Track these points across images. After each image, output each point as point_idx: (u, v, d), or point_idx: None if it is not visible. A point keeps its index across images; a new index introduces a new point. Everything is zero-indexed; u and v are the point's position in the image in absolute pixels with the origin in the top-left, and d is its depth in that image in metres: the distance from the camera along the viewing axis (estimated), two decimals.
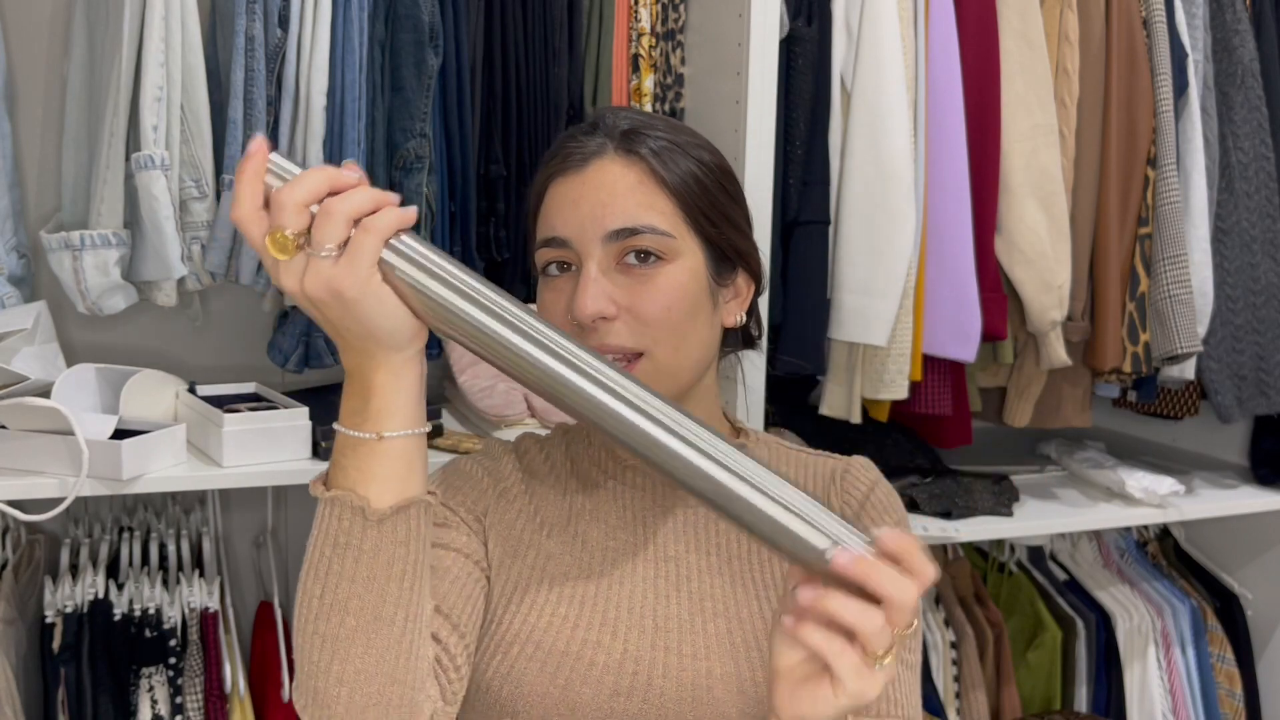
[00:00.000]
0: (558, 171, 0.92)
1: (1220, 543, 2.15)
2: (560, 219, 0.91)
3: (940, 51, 1.50)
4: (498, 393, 1.46)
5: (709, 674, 0.89)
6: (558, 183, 0.92)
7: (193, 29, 1.31)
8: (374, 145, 1.41)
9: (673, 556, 0.95)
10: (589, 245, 0.89)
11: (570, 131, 0.97)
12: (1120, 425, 2.24)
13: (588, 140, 0.92)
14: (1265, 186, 1.74)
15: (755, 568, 0.95)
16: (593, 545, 0.95)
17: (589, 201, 0.89)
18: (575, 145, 0.92)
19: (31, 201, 1.53)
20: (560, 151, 0.93)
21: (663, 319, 0.89)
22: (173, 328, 1.64)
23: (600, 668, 0.89)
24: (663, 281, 0.89)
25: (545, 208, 0.93)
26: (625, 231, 0.88)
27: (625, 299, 0.88)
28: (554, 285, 0.92)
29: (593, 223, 0.89)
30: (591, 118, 0.96)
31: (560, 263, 0.91)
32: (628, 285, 0.89)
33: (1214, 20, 1.73)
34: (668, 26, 1.57)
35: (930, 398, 1.56)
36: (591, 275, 0.88)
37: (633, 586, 0.93)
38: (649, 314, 0.88)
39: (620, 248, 0.89)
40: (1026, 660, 1.92)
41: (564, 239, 0.90)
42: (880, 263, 1.46)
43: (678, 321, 0.90)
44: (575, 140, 0.93)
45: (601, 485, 0.99)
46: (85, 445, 1.17)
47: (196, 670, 1.43)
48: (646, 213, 0.89)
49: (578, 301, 0.87)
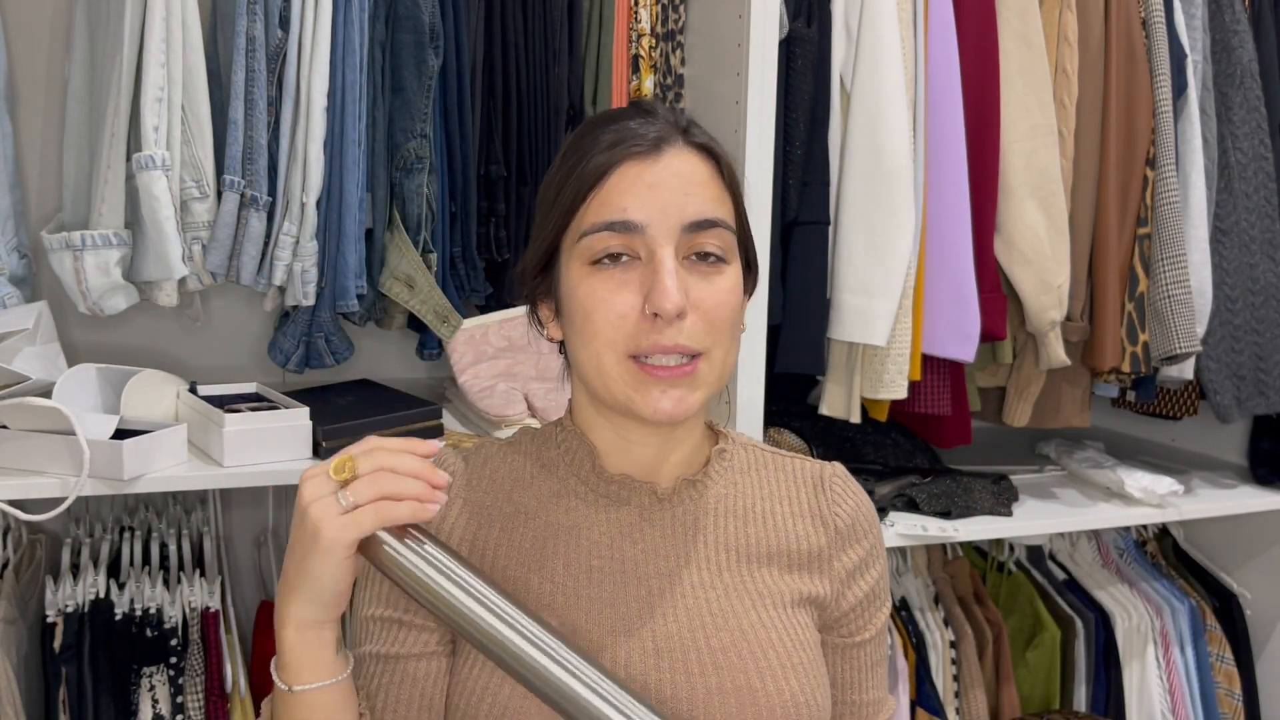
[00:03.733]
0: (627, 153, 0.85)
1: (1219, 542, 2.16)
2: (634, 202, 0.84)
3: (940, 52, 1.50)
4: (498, 393, 1.46)
5: (720, 689, 0.87)
6: (629, 164, 0.85)
7: (194, 29, 1.31)
8: (374, 146, 1.41)
9: (664, 572, 0.90)
10: (666, 233, 0.84)
11: (610, 113, 0.91)
12: (1119, 425, 2.24)
13: (649, 125, 0.87)
14: (1264, 187, 1.75)
15: (749, 577, 0.92)
16: (576, 567, 0.90)
17: (669, 188, 0.84)
18: (637, 127, 0.87)
19: (33, 202, 1.53)
20: (620, 136, 0.86)
21: (726, 321, 0.86)
22: (173, 328, 1.64)
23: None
24: (725, 283, 0.86)
25: (610, 188, 0.85)
26: (705, 223, 0.85)
27: (696, 297, 0.85)
28: (609, 275, 0.85)
29: (676, 209, 0.84)
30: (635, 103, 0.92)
31: (614, 254, 0.85)
32: (694, 283, 0.85)
33: (1213, 21, 1.73)
34: (668, 27, 1.57)
35: (930, 398, 1.57)
36: (672, 265, 0.83)
37: (626, 607, 0.88)
38: (716, 315, 0.85)
39: (692, 242, 0.85)
40: (1026, 660, 1.92)
41: (638, 224, 0.84)
42: (880, 263, 1.46)
43: (732, 325, 0.88)
44: (633, 123, 0.87)
45: (580, 497, 0.93)
46: (86, 445, 1.17)
47: (197, 670, 1.43)
48: (720, 208, 0.87)
49: (663, 292, 0.82)
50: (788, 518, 0.97)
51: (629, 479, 0.93)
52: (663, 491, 0.93)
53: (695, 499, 0.94)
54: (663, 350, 0.84)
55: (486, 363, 1.50)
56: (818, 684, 0.93)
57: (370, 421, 1.33)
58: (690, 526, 0.93)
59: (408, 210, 1.43)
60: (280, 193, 1.36)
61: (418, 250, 1.43)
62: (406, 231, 1.43)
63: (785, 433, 1.68)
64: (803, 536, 0.96)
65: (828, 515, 0.98)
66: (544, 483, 0.94)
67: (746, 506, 0.96)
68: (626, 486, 0.92)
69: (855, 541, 0.99)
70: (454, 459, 0.96)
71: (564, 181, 0.88)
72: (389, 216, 1.44)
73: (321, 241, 1.37)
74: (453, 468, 0.95)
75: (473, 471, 0.95)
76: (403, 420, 1.35)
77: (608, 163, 0.86)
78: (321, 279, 1.39)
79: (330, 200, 1.37)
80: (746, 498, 0.97)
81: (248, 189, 1.33)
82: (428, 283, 1.43)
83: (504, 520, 0.92)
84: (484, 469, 0.95)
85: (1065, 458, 1.93)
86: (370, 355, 1.73)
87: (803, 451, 1.65)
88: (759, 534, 0.95)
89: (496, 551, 0.91)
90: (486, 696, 0.87)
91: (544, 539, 0.91)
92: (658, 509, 0.93)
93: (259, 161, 1.33)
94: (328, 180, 1.36)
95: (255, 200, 1.33)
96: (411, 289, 1.44)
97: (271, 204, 1.35)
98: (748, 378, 1.41)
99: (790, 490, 0.99)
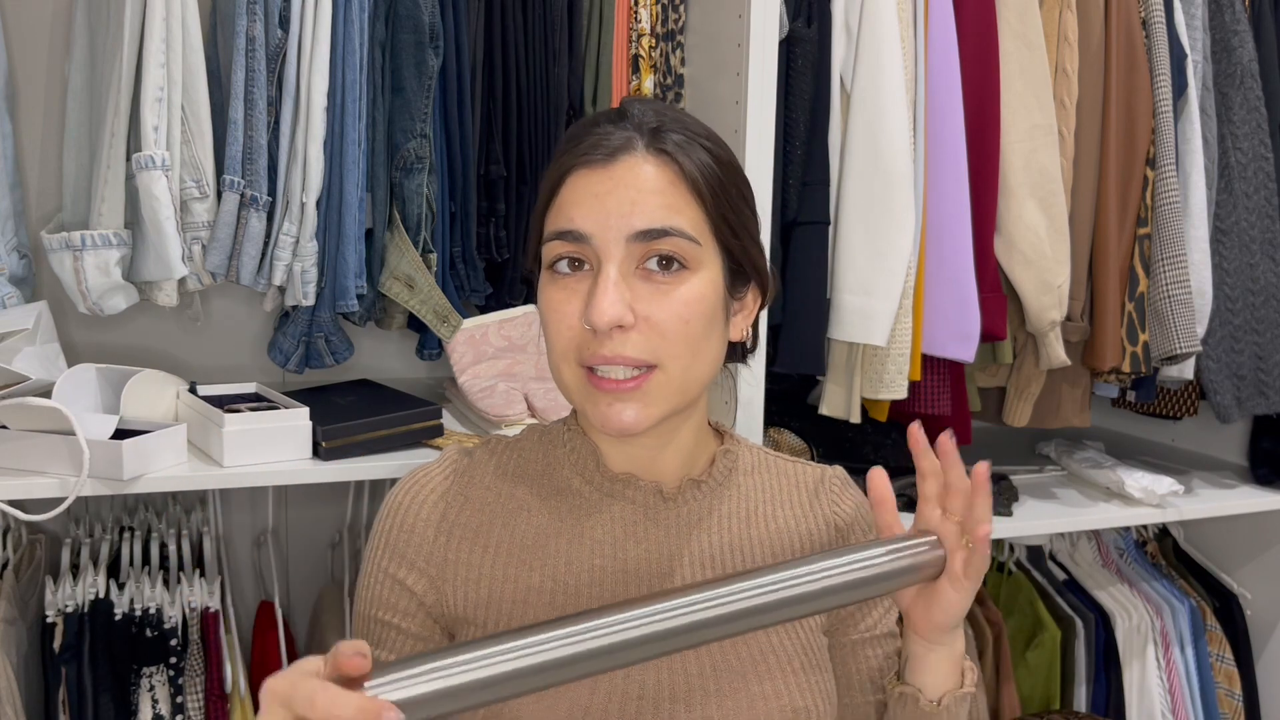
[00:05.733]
0: (581, 161, 0.84)
1: (1219, 542, 2.16)
2: (580, 211, 0.83)
3: (940, 52, 1.50)
4: (498, 393, 1.46)
5: (718, 692, 0.87)
6: (580, 173, 0.84)
7: (193, 29, 1.31)
8: (374, 145, 1.41)
9: (667, 571, 0.90)
10: (611, 244, 0.82)
11: (593, 117, 0.89)
12: (1119, 425, 2.24)
13: (615, 131, 0.85)
14: (1264, 187, 1.75)
15: None
16: (578, 566, 0.89)
17: (615, 197, 0.82)
18: (601, 135, 0.85)
19: (33, 202, 1.53)
20: (584, 140, 0.86)
21: (680, 332, 0.83)
22: (173, 328, 1.64)
23: (604, 696, 0.86)
24: (685, 293, 0.83)
25: (562, 198, 0.85)
26: (654, 232, 0.82)
27: (644, 308, 0.82)
28: (563, 284, 0.85)
29: (619, 219, 0.82)
30: (618, 107, 0.89)
31: (572, 259, 0.84)
32: (648, 293, 0.83)
33: (1213, 21, 1.73)
34: (668, 27, 1.57)
35: (930, 398, 1.56)
36: (611, 278, 0.81)
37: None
38: (668, 327, 0.83)
39: (644, 250, 0.83)
40: (1026, 660, 1.92)
41: (583, 233, 0.83)
42: (880, 263, 1.46)
43: (694, 336, 0.84)
44: (600, 129, 0.86)
45: (584, 496, 0.92)
46: (86, 445, 1.17)
47: (197, 670, 1.43)
48: (676, 216, 0.83)
49: (595, 306, 0.80)
50: (790, 518, 0.97)
51: (633, 478, 0.92)
52: (668, 491, 0.93)
53: (700, 499, 0.94)
54: (604, 361, 0.82)
55: (486, 363, 1.50)
56: (819, 689, 0.92)
57: (370, 421, 1.33)
58: (694, 526, 0.93)
59: (408, 210, 1.43)
60: (280, 193, 1.36)
61: (418, 250, 1.43)
62: (406, 231, 1.43)
63: (785, 433, 1.68)
64: (805, 536, 0.97)
65: (829, 514, 0.99)
66: (548, 481, 0.94)
67: (750, 507, 0.96)
68: (631, 485, 0.92)
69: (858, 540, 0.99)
70: (457, 455, 0.96)
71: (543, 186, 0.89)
72: (389, 216, 1.44)
73: (321, 241, 1.37)
74: (455, 464, 0.95)
75: (475, 468, 0.95)
76: (403, 420, 1.35)
77: (563, 170, 0.86)
78: (321, 279, 1.39)
79: (330, 200, 1.37)
80: (750, 498, 0.97)
81: (248, 189, 1.33)
82: (428, 283, 1.43)
83: (507, 518, 0.92)
84: (487, 465, 0.95)
85: (1065, 458, 1.93)
86: (370, 355, 1.73)
87: (802, 452, 1.65)
88: (762, 534, 0.95)
89: (499, 549, 0.91)
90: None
91: (547, 537, 0.91)
92: (662, 508, 0.92)
93: (259, 161, 1.33)
94: (327, 180, 1.36)
95: (255, 200, 1.33)
96: (411, 289, 1.44)
97: (271, 204, 1.35)
98: (748, 378, 1.41)
99: (792, 492, 0.99)
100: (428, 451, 1.36)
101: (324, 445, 1.30)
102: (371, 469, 1.32)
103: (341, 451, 1.31)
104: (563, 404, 1.44)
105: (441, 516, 0.92)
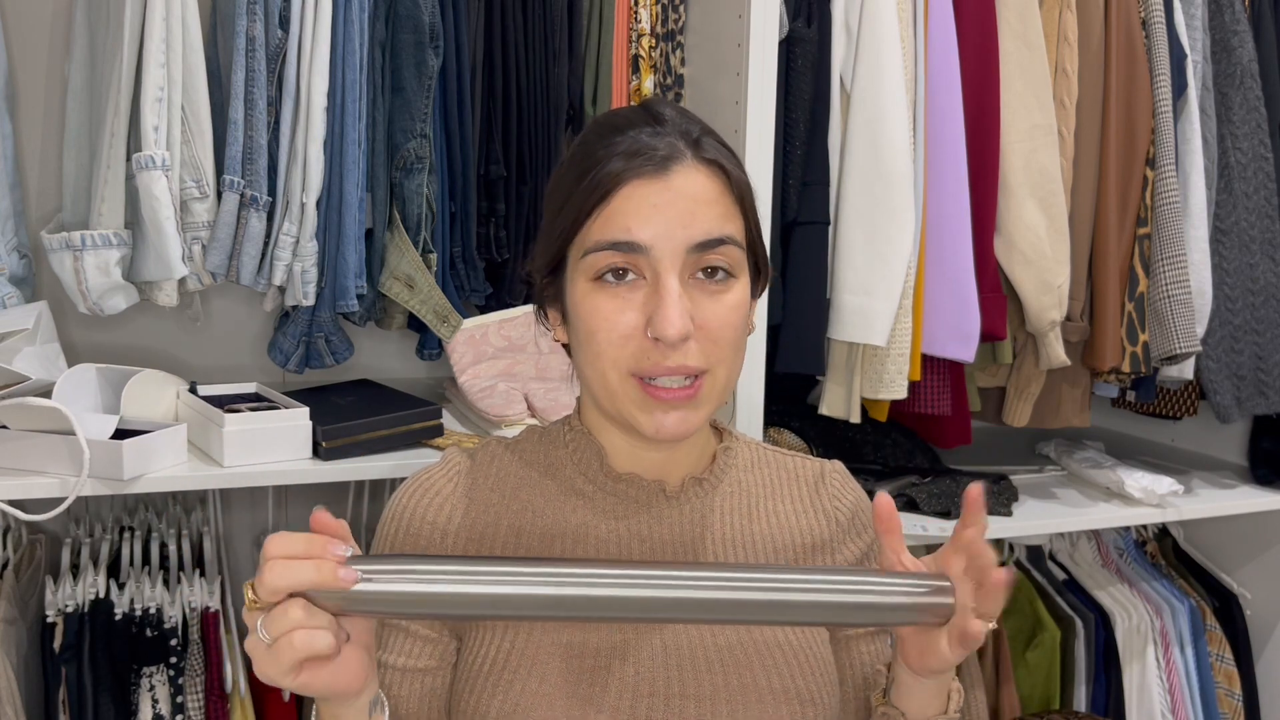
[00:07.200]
0: (634, 171, 0.84)
1: (1219, 542, 2.16)
2: (639, 222, 0.83)
3: (939, 52, 1.50)
4: (498, 393, 1.46)
5: (726, 686, 0.88)
6: (636, 183, 0.84)
7: (194, 29, 1.31)
8: (374, 146, 1.41)
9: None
10: (670, 256, 0.83)
11: (623, 118, 0.89)
12: (1119, 425, 2.24)
13: (657, 139, 0.85)
14: (1264, 187, 1.75)
15: None
16: None
17: (675, 209, 0.83)
18: (645, 142, 0.85)
19: (33, 202, 1.53)
20: (618, 144, 0.85)
21: (730, 339, 0.85)
22: (173, 328, 1.64)
23: (614, 694, 0.87)
24: (731, 299, 0.86)
25: (614, 207, 0.84)
26: (711, 242, 0.84)
27: (700, 317, 0.84)
28: (614, 293, 0.84)
29: (681, 230, 0.83)
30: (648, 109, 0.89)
31: (619, 270, 0.84)
32: (700, 302, 0.84)
33: (1213, 21, 1.73)
34: (668, 27, 1.57)
35: (930, 398, 1.57)
36: (676, 291, 0.82)
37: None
38: (721, 334, 0.85)
39: (699, 260, 0.84)
40: (1025, 660, 1.92)
41: (641, 244, 0.83)
42: (880, 263, 1.46)
43: (739, 340, 0.87)
44: (639, 134, 0.86)
45: (588, 496, 0.93)
46: (86, 445, 1.17)
47: (197, 670, 1.43)
48: (729, 225, 0.85)
49: (665, 319, 0.81)
50: (791, 513, 0.98)
51: (637, 478, 0.93)
52: (671, 490, 0.94)
53: (702, 497, 0.95)
54: (666, 372, 0.83)
55: (486, 363, 1.50)
56: (825, 680, 0.93)
57: (370, 421, 1.33)
58: (698, 524, 0.94)
59: (408, 210, 1.43)
60: (280, 193, 1.36)
61: (418, 250, 1.43)
62: (406, 231, 1.43)
63: (785, 433, 1.68)
64: (806, 530, 0.97)
65: (829, 509, 0.99)
66: (550, 482, 0.94)
67: (751, 503, 0.97)
68: (635, 485, 0.93)
69: (857, 535, 1.00)
70: (459, 457, 0.96)
71: (572, 188, 0.87)
72: (389, 216, 1.44)
73: (321, 241, 1.37)
74: (458, 466, 0.96)
75: (478, 470, 0.95)
76: (402, 420, 1.35)
77: (615, 179, 0.84)
78: (321, 279, 1.39)
79: (330, 200, 1.37)
80: (751, 494, 0.97)
81: (247, 189, 1.33)
82: (428, 283, 1.43)
83: (510, 519, 0.93)
84: (490, 467, 0.96)
85: (1065, 458, 1.93)
86: (370, 355, 1.73)
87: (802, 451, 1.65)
88: (764, 529, 0.96)
89: (503, 550, 0.91)
90: (498, 694, 0.87)
91: (550, 538, 0.91)
92: (665, 507, 0.93)
93: (259, 161, 1.33)
94: (327, 180, 1.36)
95: (255, 200, 1.33)
96: (411, 289, 1.44)
97: (271, 204, 1.35)
98: (748, 378, 1.41)
99: (792, 486, 1.00)
100: (428, 452, 1.36)
101: (324, 445, 1.30)
102: (371, 469, 1.32)
103: (341, 451, 1.31)
104: (563, 404, 1.44)
105: (446, 520, 0.92)
